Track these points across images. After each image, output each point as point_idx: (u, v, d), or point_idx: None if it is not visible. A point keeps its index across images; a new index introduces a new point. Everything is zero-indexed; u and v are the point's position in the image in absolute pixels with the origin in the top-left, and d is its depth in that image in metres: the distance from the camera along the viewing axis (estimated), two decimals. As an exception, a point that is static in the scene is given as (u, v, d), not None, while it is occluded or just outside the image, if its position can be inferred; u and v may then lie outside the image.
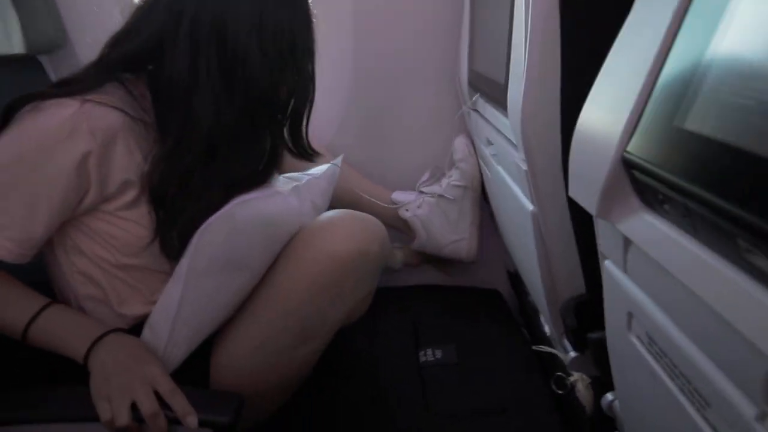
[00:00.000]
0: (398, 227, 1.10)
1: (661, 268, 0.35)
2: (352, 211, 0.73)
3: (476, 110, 0.92)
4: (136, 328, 0.68)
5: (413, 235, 1.11)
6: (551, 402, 0.87)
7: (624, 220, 0.36)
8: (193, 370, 0.69)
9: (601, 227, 0.44)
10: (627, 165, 0.34)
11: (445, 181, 1.10)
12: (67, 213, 0.63)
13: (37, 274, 0.70)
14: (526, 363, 0.96)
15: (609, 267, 0.44)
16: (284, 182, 0.74)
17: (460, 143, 1.10)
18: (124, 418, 0.57)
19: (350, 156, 1.13)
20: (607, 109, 0.37)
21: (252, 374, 0.69)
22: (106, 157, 0.61)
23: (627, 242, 0.39)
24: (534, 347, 0.92)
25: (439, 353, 0.98)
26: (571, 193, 0.43)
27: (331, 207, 0.80)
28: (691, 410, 0.35)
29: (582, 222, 0.58)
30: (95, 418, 0.59)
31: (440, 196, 1.08)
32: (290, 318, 0.69)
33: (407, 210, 1.10)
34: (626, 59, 0.37)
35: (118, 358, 0.60)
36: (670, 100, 0.30)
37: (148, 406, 0.57)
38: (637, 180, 0.33)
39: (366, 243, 0.69)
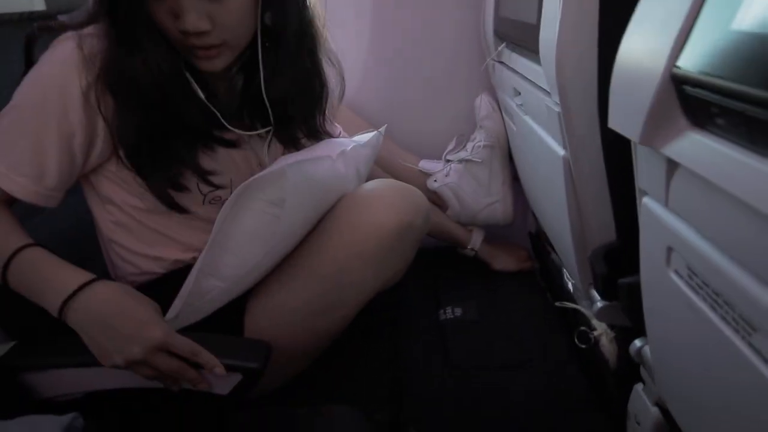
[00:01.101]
0: (431, 200, 1.09)
1: (708, 193, 0.33)
2: (396, 181, 0.73)
3: (501, 62, 0.89)
4: (174, 273, 0.69)
5: (445, 205, 1.10)
6: (574, 356, 0.87)
7: (671, 143, 0.35)
8: (228, 323, 0.69)
9: (641, 159, 0.42)
10: (677, 81, 0.32)
11: (470, 145, 1.08)
12: (78, 153, 0.61)
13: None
14: (547, 319, 0.96)
15: (648, 203, 0.43)
16: (332, 146, 0.73)
17: (482, 101, 1.08)
18: (150, 374, 0.57)
19: (372, 121, 1.12)
20: (654, 26, 0.35)
21: (284, 334, 0.70)
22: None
23: (670, 171, 0.38)
24: (557, 303, 0.91)
25: (459, 311, 0.99)
26: (611, 124, 0.41)
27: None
28: (735, 338, 0.34)
29: (615, 165, 0.56)
30: None
31: (467, 160, 1.07)
32: (328, 284, 0.69)
33: (435, 180, 1.09)
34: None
35: (104, 309, 0.56)
36: (725, 4, 0.29)
37: (167, 367, 0.56)
38: (687, 97, 0.32)
39: (410, 215, 0.68)
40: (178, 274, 0.67)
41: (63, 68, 0.58)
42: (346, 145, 0.74)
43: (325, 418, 0.72)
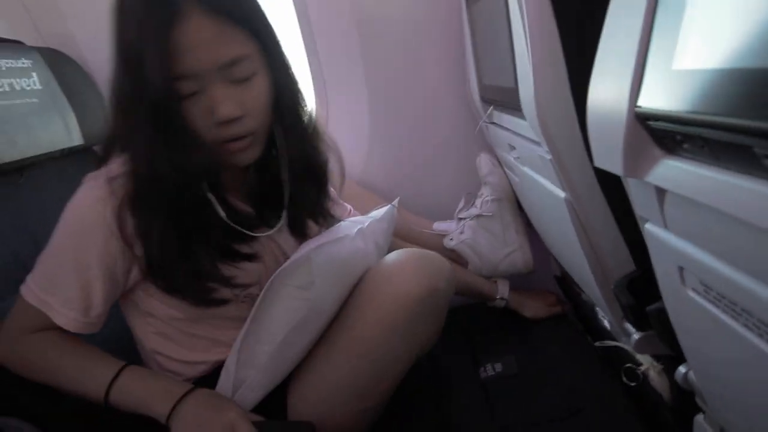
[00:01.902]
0: (448, 258, 1.12)
1: (697, 210, 0.36)
2: (415, 249, 0.75)
3: (493, 123, 0.96)
4: (216, 372, 0.71)
5: (464, 262, 1.12)
6: (624, 397, 0.84)
7: (651, 171, 0.38)
8: (272, 408, 0.70)
9: (633, 189, 0.45)
10: (641, 118, 0.36)
11: (479, 201, 1.12)
12: (121, 279, 0.66)
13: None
14: (590, 362, 0.94)
15: (650, 228, 0.45)
16: (348, 226, 0.77)
17: (482, 160, 1.14)
18: None
19: (381, 193, 1.18)
20: (612, 76, 0.39)
21: (327, 415, 0.71)
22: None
23: (660, 196, 0.41)
24: (597, 344, 0.90)
25: (498, 366, 0.97)
26: (597, 163, 0.45)
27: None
28: (759, 342, 0.35)
29: (616, 198, 0.59)
30: None
31: (478, 215, 1.10)
32: (364, 360, 0.70)
33: (452, 239, 1.12)
34: (620, 28, 0.40)
35: (198, 411, 0.63)
36: (664, 50, 0.33)
37: None
38: (653, 129, 0.36)
39: (434, 280, 0.70)
40: (219, 373, 0.70)
41: (96, 203, 0.62)
42: (363, 222, 0.78)
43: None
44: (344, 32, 1.15)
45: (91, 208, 0.63)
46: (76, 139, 0.99)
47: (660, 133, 0.35)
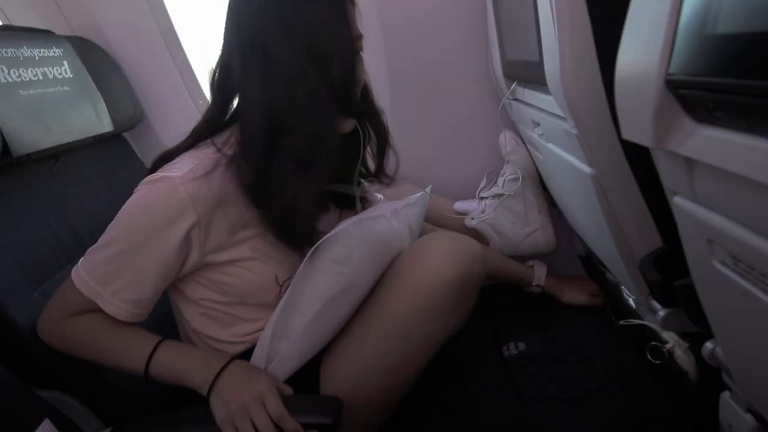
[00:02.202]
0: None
1: (728, 181, 0.35)
2: (449, 232, 0.77)
3: (516, 99, 0.94)
4: (247, 352, 0.73)
5: (486, 241, 1.12)
6: (649, 375, 0.84)
7: (682, 142, 0.37)
8: (304, 386, 0.72)
9: (662, 162, 0.44)
10: (672, 86, 0.35)
11: (501, 179, 1.11)
12: (173, 276, 0.70)
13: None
14: (615, 340, 0.93)
15: (679, 202, 0.45)
16: (384, 206, 0.78)
17: (505, 138, 1.12)
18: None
19: (405, 176, 1.17)
20: (642, 43, 0.39)
21: (359, 392, 0.72)
22: (208, 224, 0.67)
23: (690, 167, 0.40)
24: (622, 322, 0.89)
25: (522, 345, 0.98)
26: (625, 135, 0.44)
27: None
28: (791, 315, 0.34)
29: (643, 173, 0.58)
30: None
31: (500, 195, 1.09)
32: (397, 339, 0.71)
33: (473, 219, 1.11)
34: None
35: (233, 382, 0.66)
36: (698, 14, 0.32)
37: (263, 425, 0.62)
38: (684, 98, 0.35)
39: (468, 264, 0.71)
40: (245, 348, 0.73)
41: (168, 209, 0.64)
42: (398, 205, 0.79)
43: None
44: (364, 12, 1.14)
45: (162, 211, 0.64)
46: (106, 125, 1.02)
47: (691, 102, 0.34)
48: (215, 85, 0.70)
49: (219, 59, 0.69)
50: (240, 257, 0.71)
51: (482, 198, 1.11)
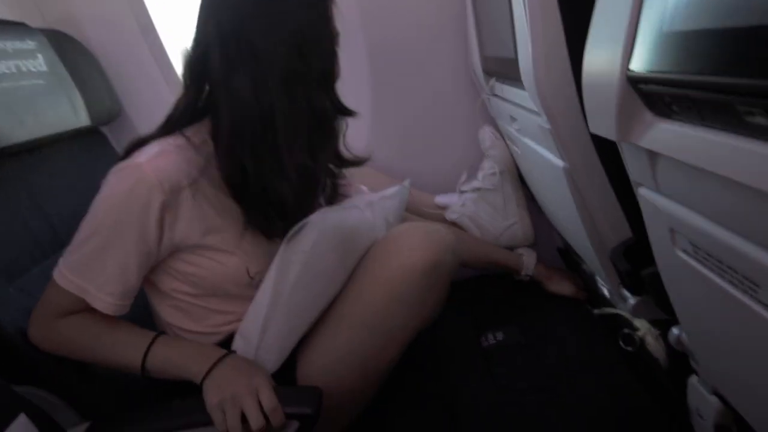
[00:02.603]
0: None
1: (686, 172, 0.37)
2: (423, 222, 0.77)
3: (495, 95, 0.96)
4: (227, 341, 0.74)
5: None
6: (622, 362, 0.87)
7: (643, 135, 0.39)
8: (280, 379, 0.73)
9: (627, 155, 0.46)
10: (633, 82, 0.37)
11: (481, 174, 1.13)
12: (153, 261, 0.70)
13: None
14: (590, 330, 0.96)
15: (644, 193, 0.47)
16: (358, 199, 0.79)
17: (485, 133, 1.14)
18: (238, 428, 0.62)
19: (386, 170, 1.19)
20: (605, 41, 0.40)
21: (334, 383, 0.73)
22: (176, 207, 0.67)
23: (652, 159, 0.42)
24: (596, 311, 0.92)
25: (500, 335, 1.00)
26: (592, 130, 0.46)
27: None
28: (745, 299, 0.37)
29: (613, 167, 0.60)
30: (206, 424, 0.64)
31: (480, 188, 1.11)
32: (370, 330, 0.72)
33: (453, 212, 1.13)
34: (615, -6, 0.40)
35: (227, 372, 0.66)
36: (656, 12, 0.34)
37: (255, 418, 0.62)
38: (644, 93, 0.37)
39: (438, 253, 0.71)
40: (230, 343, 0.73)
41: (138, 193, 0.64)
42: (374, 197, 0.80)
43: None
44: (344, 8, 1.15)
45: (134, 197, 0.64)
46: (83, 119, 1.00)
47: (651, 96, 0.36)
48: (191, 76, 0.70)
49: (195, 50, 0.68)
50: (210, 248, 0.71)
51: (462, 192, 1.13)
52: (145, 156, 0.66)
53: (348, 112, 0.77)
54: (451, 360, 0.96)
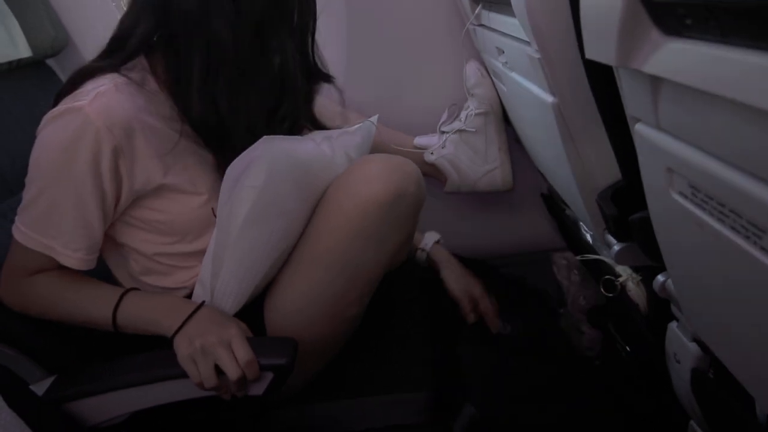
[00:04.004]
0: (428, 173, 1.08)
1: (694, 105, 0.32)
2: (382, 154, 0.71)
3: (481, 25, 0.88)
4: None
5: (444, 177, 1.09)
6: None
7: (648, 58, 0.33)
8: (249, 327, 0.71)
9: (626, 85, 0.41)
10: (641, -8, 0.31)
11: (463, 114, 1.07)
12: (113, 210, 0.66)
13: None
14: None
15: (641, 129, 0.42)
16: (316, 133, 0.73)
17: (470, 69, 1.07)
18: (212, 379, 0.61)
19: (363, 109, 1.11)
20: (611, -57, 0.34)
21: (304, 327, 0.71)
22: (132, 150, 0.63)
23: (656, 89, 0.37)
24: (578, 257, 0.90)
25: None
26: (588, 54, 0.40)
27: None
28: (747, 246, 0.33)
29: (606, 102, 0.55)
30: (181, 376, 0.63)
31: (461, 130, 1.06)
32: (333, 269, 0.69)
33: (432, 153, 1.08)
34: None
35: (199, 324, 0.64)
36: None
37: (231, 369, 0.61)
38: (652, 5, 0.31)
39: (402, 184, 0.67)
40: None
41: (85, 141, 0.60)
42: (333, 133, 0.74)
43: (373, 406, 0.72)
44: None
45: (81, 146, 0.60)
46: (23, 50, 0.90)
47: (660, 9, 0.30)
48: (153, 3, 0.63)
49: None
50: (173, 189, 0.67)
51: (443, 132, 1.07)
52: (85, 98, 0.60)
53: (324, 77, 0.73)
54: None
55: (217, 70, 0.62)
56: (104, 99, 0.60)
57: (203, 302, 0.67)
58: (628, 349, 0.85)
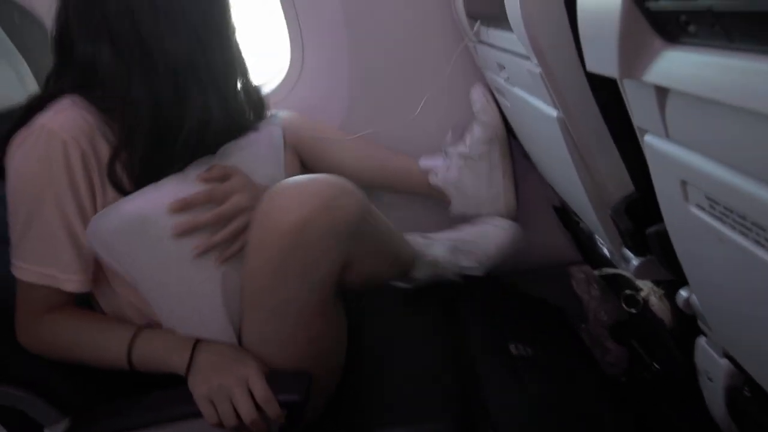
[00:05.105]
0: (433, 195, 1.07)
1: (703, 111, 0.31)
2: (297, 177, 0.66)
3: (481, 42, 0.88)
4: None
5: (447, 200, 1.08)
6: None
7: (651, 68, 0.32)
8: None
9: (631, 96, 0.39)
10: (638, 0, 0.30)
11: (468, 138, 1.06)
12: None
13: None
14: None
15: (650, 140, 0.40)
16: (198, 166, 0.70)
17: (476, 93, 1.06)
18: (231, 419, 0.59)
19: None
20: (604, -48, 0.33)
21: (274, 363, 0.68)
22: (98, 155, 0.63)
23: (661, 99, 0.35)
24: (596, 272, 0.87)
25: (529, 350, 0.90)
26: (589, 68, 0.39)
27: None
28: (772, 259, 0.31)
29: (613, 113, 0.53)
30: (196, 415, 0.61)
31: (466, 156, 1.05)
32: (269, 306, 0.66)
33: (437, 175, 1.07)
34: None
35: (213, 360, 0.63)
36: None
37: (246, 410, 0.59)
38: (652, 13, 0.29)
39: (309, 209, 0.61)
40: None
41: (54, 154, 0.60)
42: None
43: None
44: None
45: (51, 159, 0.60)
46: (32, 91, 0.92)
47: (661, 17, 0.29)
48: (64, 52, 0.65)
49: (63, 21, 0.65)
50: None
51: (447, 154, 1.07)
52: (43, 118, 0.61)
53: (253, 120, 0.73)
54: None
55: (138, 124, 0.63)
56: (65, 113, 0.62)
57: (197, 340, 0.65)
58: (656, 366, 0.81)
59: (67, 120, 0.62)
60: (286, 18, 1.12)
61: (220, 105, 0.66)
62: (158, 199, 0.63)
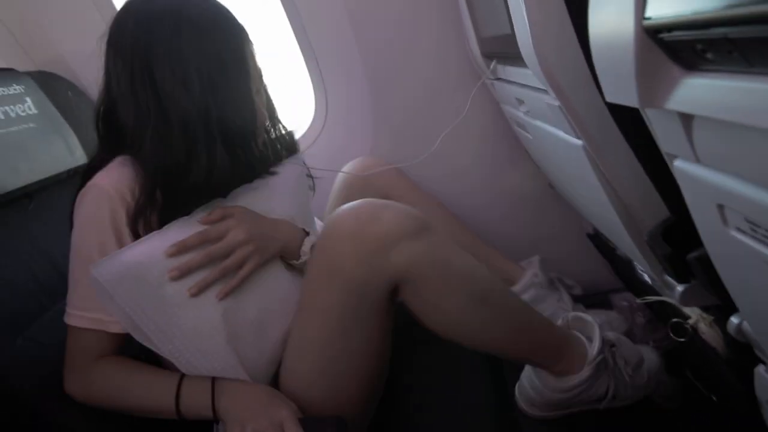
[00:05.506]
0: None
1: (730, 134, 0.30)
2: (363, 201, 0.68)
3: (498, 79, 0.89)
4: None
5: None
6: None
7: (672, 96, 0.32)
8: None
9: (655, 124, 0.39)
10: (652, 32, 0.30)
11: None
12: None
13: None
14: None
15: (680, 166, 0.39)
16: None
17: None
18: None
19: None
20: (612, -10, 0.33)
21: (325, 402, 0.69)
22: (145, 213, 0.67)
23: (687, 125, 0.35)
24: (639, 300, 0.84)
25: None
26: (608, 98, 0.39)
27: None
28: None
29: (639, 138, 0.53)
30: None
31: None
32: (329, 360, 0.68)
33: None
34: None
35: (247, 404, 0.63)
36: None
37: None
38: (667, 44, 0.30)
39: (366, 219, 0.65)
40: None
41: (102, 207, 0.65)
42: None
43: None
44: (335, 22, 1.11)
45: (100, 212, 0.65)
46: (79, 158, 0.98)
47: (676, 46, 0.29)
48: (108, 123, 0.70)
49: (106, 99, 0.70)
50: None
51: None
52: (96, 177, 0.67)
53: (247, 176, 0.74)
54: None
55: (157, 175, 0.66)
56: (113, 172, 0.66)
57: (228, 381, 0.65)
58: (714, 398, 0.76)
59: (112, 177, 0.66)
60: (308, 68, 1.18)
61: (230, 155, 0.68)
62: (159, 244, 0.65)
